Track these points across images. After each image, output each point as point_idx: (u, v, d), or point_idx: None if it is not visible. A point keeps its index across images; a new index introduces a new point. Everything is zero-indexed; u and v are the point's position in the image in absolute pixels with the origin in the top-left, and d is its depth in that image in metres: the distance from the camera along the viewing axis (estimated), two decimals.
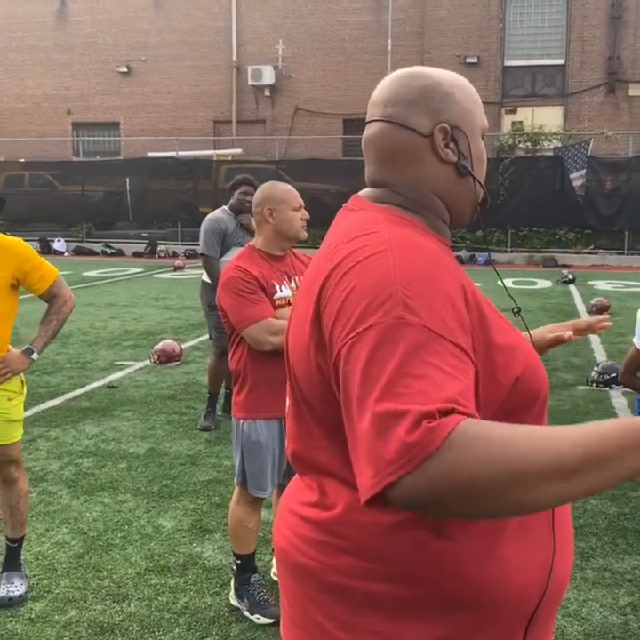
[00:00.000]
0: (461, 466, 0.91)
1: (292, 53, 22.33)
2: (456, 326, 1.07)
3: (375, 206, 1.27)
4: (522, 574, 1.17)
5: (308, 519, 1.24)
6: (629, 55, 20.63)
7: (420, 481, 0.92)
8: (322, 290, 1.17)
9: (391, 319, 1.04)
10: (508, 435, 0.94)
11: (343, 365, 1.07)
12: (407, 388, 0.98)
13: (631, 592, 3.20)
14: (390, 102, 1.27)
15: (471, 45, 21.30)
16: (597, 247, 18.12)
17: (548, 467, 0.92)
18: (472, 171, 1.27)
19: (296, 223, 2.94)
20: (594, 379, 6.59)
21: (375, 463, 0.96)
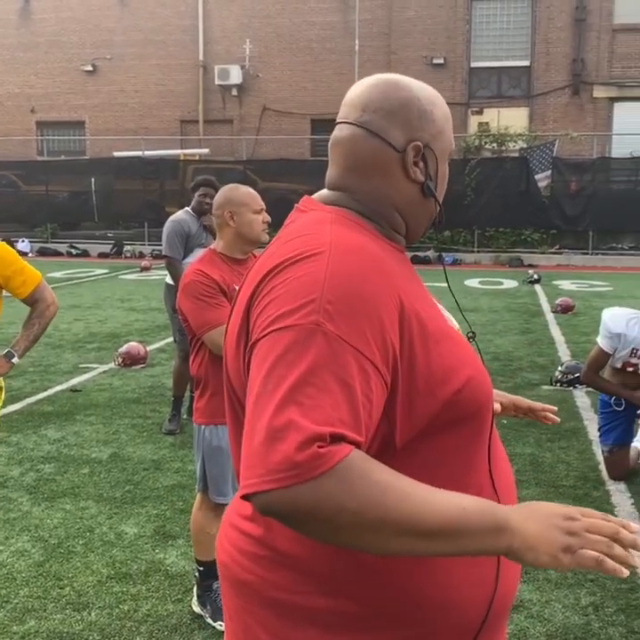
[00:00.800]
0: (332, 498, 0.95)
1: (260, 53, 22.26)
2: (377, 341, 1.05)
3: (325, 207, 1.25)
4: (465, 589, 1.16)
5: (247, 533, 1.23)
6: (593, 57, 20.90)
7: (288, 499, 0.95)
8: (256, 289, 1.16)
9: (308, 323, 1.03)
10: (384, 485, 0.97)
11: (254, 358, 1.07)
12: (308, 399, 0.98)
13: (593, 592, 3.22)
14: (368, 108, 1.23)
15: (438, 46, 21.41)
16: (562, 247, 18.32)
17: (406, 525, 0.97)
18: (436, 193, 1.27)
19: (257, 226, 2.92)
20: (558, 378, 6.65)
21: (256, 465, 0.97)
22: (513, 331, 9.23)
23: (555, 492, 4.30)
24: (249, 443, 1.01)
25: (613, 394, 4.57)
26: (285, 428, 0.97)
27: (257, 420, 1.00)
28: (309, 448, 0.95)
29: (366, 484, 0.96)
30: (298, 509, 0.96)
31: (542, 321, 9.98)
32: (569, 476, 4.56)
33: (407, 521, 0.97)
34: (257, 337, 1.09)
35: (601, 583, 3.29)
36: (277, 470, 0.95)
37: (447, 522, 0.99)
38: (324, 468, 0.95)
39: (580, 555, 1.02)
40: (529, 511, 1.06)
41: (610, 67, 20.88)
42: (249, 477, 0.98)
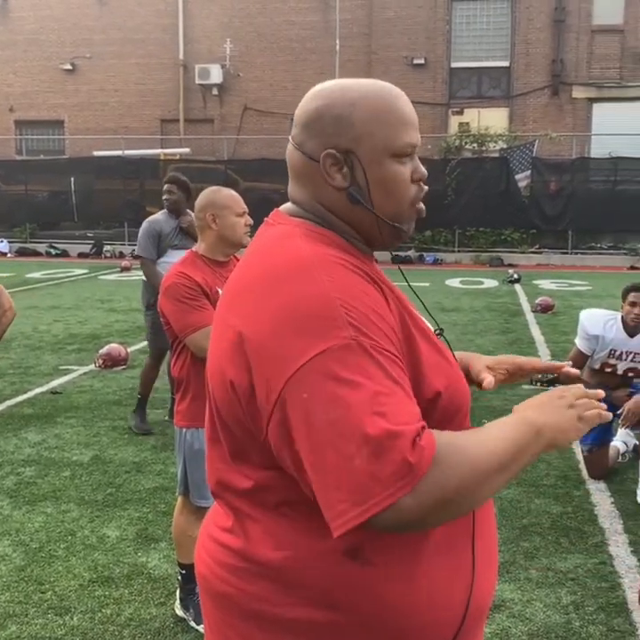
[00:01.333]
0: (448, 479, 1.02)
1: (240, 52, 22.22)
2: (393, 341, 1.11)
3: (292, 220, 1.25)
4: (441, 598, 1.17)
5: (225, 545, 1.22)
6: (572, 58, 21.06)
7: (416, 500, 1.00)
8: (245, 310, 1.15)
9: (346, 339, 1.05)
10: (468, 445, 1.07)
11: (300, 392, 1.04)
12: (386, 407, 1.02)
13: (574, 591, 3.25)
14: (295, 122, 1.27)
15: (418, 47, 21.48)
16: (542, 247, 18.45)
17: (497, 467, 1.08)
18: (361, 198, 1.21)
19: (239, 229, 2.91)
20: (538, 378, 6.68)
21: (368, 485, 0.98)
22: (493, 330, 9.28)
23: (535, 491, 4.33)
24: (347, 466, 1.00)
25: None
26: (385, 439, 1.00)
27: (347, 443, 1.00)
28: (415, 447, 1.00)
29: (458, 454, 1.05)
30: (429, 505, 1.01)
31: (522, 320, 10.05)
32: (549, 475, 4.59)
33: (495, 464, 1.07)
34: (291, 371, 1.05)
35: (581, 582, 3.32)
36: (397, 479, 0.99)
37: (513, 450, 1.10)
38: (430, 457, 1.01)
39: (588, 416, 1.21)
40: (537, 406, 1.20)
41: (589, 67, 21.05)
42: (366, 500, 0.99)
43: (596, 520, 3.97)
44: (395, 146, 1.21)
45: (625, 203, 17.85)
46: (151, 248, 5.29)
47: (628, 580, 3.34)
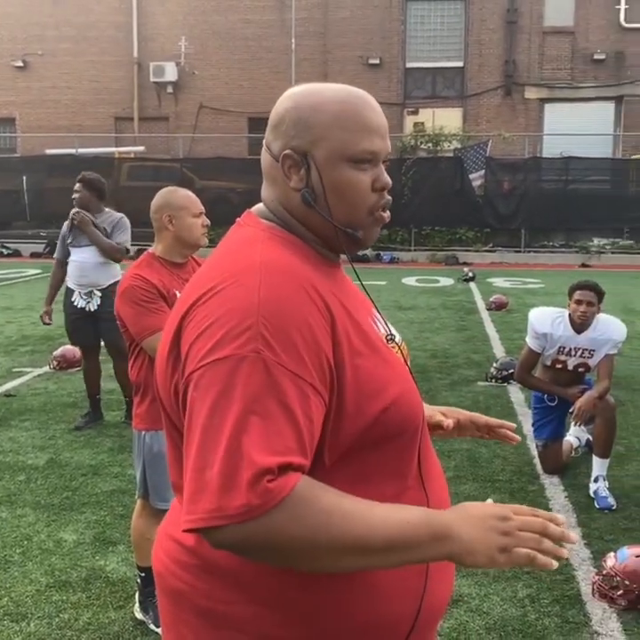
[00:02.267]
0: (283, 530, 1.00)
1: (195, 50, 22.06)
2: (314, 362, 1.08)
3: (260, 223, 1.26)
4: (392, 601, 1.18)
5: (181, 543, 1.23)
6: (524, 59, 21.38)
7: (240, 534, 1.00)
8: (188, 311, 1.15)
9: (247, 352, 1.05)
10: (330, 511, 1.03)
11: (192, 390, 1.08)
12: (255, 429, 1.01)
13: (529, 584, 3.32)
14: (268, 124, 1.30)
15: (373, 46, 21.59)
16: (496, 245, 18.70)
17: (355, 546, 1.03)
18: (313, 200, 1.21)
19: (196, 230, 2.90)
20: (493, 374, 6.80)
21: (206, 500, 1.00)
22: (449, 328, 9.39)
23: (491, 486, 4.40)
24: (197, 476, 1.02)
25: (546, 391, 4.70)
26: (236, 463, 1.00)
27: (206, 454, 1.02)
28: (260, 484, 0.99)
29: (314, 512, 1.01)
30: (250, 543, 1.01)
31: (477, 318, 10.18)
32: (505, 470, 4.67)
33: (355, 542, 1.03)
34: (194, 367, 1.08)
35: (537, 575, 3.38)
36: (229, 507, 0.99)
37: (393, 537, 1.05)
38: (274, 502, 0.99)
39: (515, 553, 1.09)
40: (466, 515, 1.11)
41: (540, 68, 21.40)
42: (198, 512, 1.01)
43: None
44: (351, 151, 1.20)
45: (576, 202, 18.19)
46: (60, 248, 5.55)
47: (582, 572, 3.42)
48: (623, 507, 4.11)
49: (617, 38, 21.05)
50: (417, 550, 1.06)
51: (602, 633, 2.96)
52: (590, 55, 21.09)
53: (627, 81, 21.06)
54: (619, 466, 4.69)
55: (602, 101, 21.20)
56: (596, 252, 18.29)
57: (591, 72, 21.27)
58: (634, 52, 21.00)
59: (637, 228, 18.56)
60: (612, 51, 21.05)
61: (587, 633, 2.96)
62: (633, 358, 7.57)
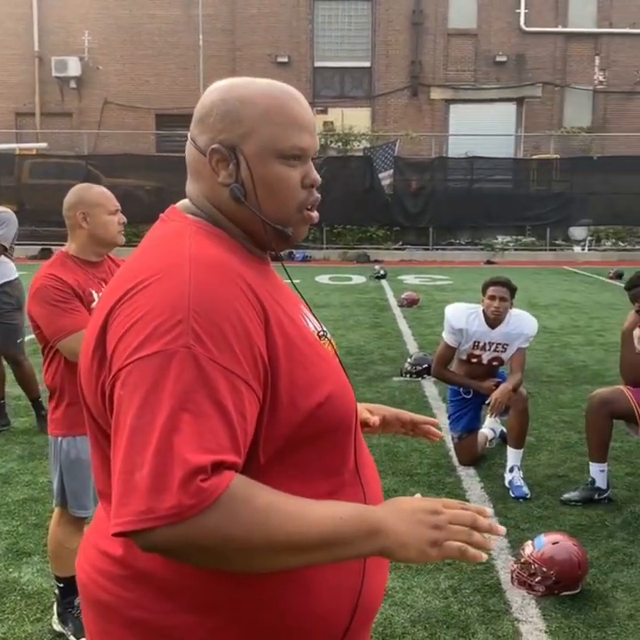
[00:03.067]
0: (218, 530, 0.97)
1: (99, 45, 21.52)
2: (246, 357, 1.05)
3: (187, 218, 1.23)
4: (329, 600, 1.17)
5: (106, 552, 1.19)
6: (430, 60, 21.82)
7: (173, 536, 0.96)
8: (114, 307, 1.11)
9: (178, 347, 1.01)
10: (266, 509, 1.00)
11: (119, 389, 1.03)
12: (187, 427, 0.98)
13: (451, 575, 3.37)
14: (193, 118, 1.26)
15: (281, 45, 21.58)
16: (405, 243, 19.04)
17: (291, 543, 1.02)
18: (243, 197, 1.18)
19: (112, 228, 2.81)
20: (407, 370, 6.91)
21: (136, 502, 0.96)
22: (363, 325, 9.49)
23: (410, 480, 4.46)
24: (126, 478, 0.98)
25: (461, 385, 4.81)
26: (167, 463, 0.96)
27: (135, 455, 0.98)
28: (192, 483, 0.95)
29: (249, 511, 0.99)
30: (183, 545, 0.97)
31: (390, 315, 10.33)
32: (422, 463, 4.75)
33: (291, 540, 1.02)
34: (121, 365, 1.04)
35: (458, 566, 3.45)
36: (160, 508, 0.95)
37: (327, 535, 1.04)
38: (208, 502, 0.96)
39: (446, 547, 1.10)
40: (398, 510, 1.11)
41: (445, 69, 21.90)
42: (127, 514, 0.96)
43: None
44: (281, 147, 1.19)
45: (480, 200, 18.74)
46: None
47: (501, 561, 3.51)
48: (537, 495, 4.24)
49: (518, 41, 21.76)
50: (351, 546, 1.06)
51: (522, 619, 3.04)
52: (492, 57, 21.73)
53: (527, 83, 21.80)
54: (531, 456, 4.84)
55: (504, 103, 21.87)
56: (500, 250, 18.87)
57: (493, 74, 21.92)
58: (533, 54, 21.76)
59: (538, 226, 19.25)
60: (513, 53, 21.76)
61: (507, 620, 3.03)
62: (539, 351, 7.83)
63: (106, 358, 1.09)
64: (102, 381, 1.11)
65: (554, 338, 8.71)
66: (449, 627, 2.99)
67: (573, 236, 19.42)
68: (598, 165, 18.97)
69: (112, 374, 1.05)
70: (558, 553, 3.21)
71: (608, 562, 3.49)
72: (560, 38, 21.84)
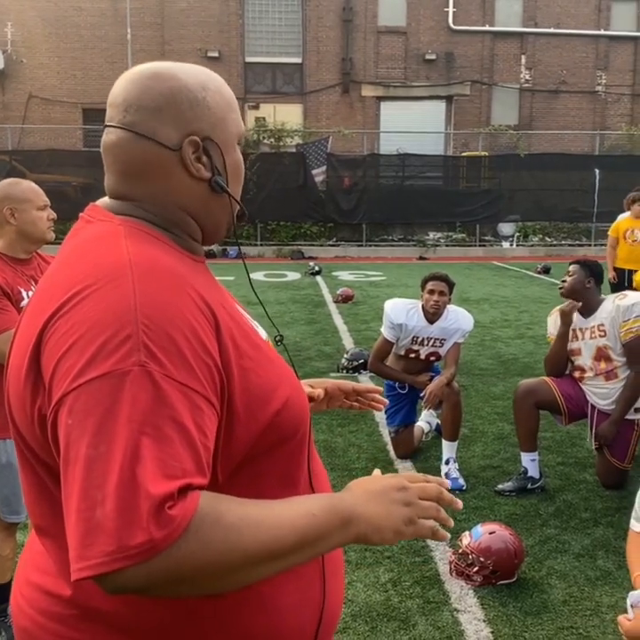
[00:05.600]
0: (192, 557, 0.90)
1: (23, 37, 20.93)
2: (203, 370, 0.98)
3: (114, 217, 1.12)
4: (294, 617, 1.13)
5: (50, 593, 1.09)
6: (361, 57, 21.95)
7: (147, 572, 0.88)
8: (48, 322, 0.99)
9: (130, 366, 0.92)
10: (237, 525, 0.93)
11: (66, 417, 0.92)
12: (148, 454, 0.89)
13: (390, 568, 3.40)
14: (132, 108, 1.11)
15: (212, 39, 21.40)
16: (339, 239, 19.14)
17: (268, 552, 0.95)
18: (227, 187, 1.15)
19: (41, 224, 2.73)
20: (344, 365, 6.94)
21: (101, 542, 0.86)
22: (299, 322, 9.48)
23: (349, 474, 4.47)
24: (86, 516, 0.88)
25: (397, 380, 4.85)
26: (132, 495, 0.87)
27: (94, 489, 0.88)
28: (161, 514, 0.87)
29: (221, 531, 0.92)
30: (159, 579, 0.89)
31: (326, 311, 10.35)
32: (360, 458, 4.77)
33: (267, 549, 0.96)
34: (65, 390, 0.93)
35: (397, 559, 3.47)
36: (131, 546, 0.86)
37: (302, 535, 0.99)
38: (179, 530, 0.88)
39: (419, 525, 1.08)
40: (366, 493, 1.07)
41: (376, 67, 22.07)
42: (95, 556, 0.86)
43: None
44: (240, 132, 1.18)
45: (412, 197, 18.98)
46: None
47: (439, 552, 3.55)
48: (472, 486, 4.31)
49: (446, 40, 22.10)
50: (327, 540, 1.01)
51: (461, 609, 3.08)
52: (422, 55, 22.01)
53: (456, 81, 22.16)
54: (465, 448, 4.92)
55: (434, 100, 22.19)
56: (432, 246, 19.14)
57: (423, 72, 22.20)
58: (462, 53, 22.14)
59: (468, 222, 19.61)
60: (442, 51, 22.08)
61: (447, 611, 3.07)
62: (472, 345, 7.97)
63: (41, 382, 0.98)
64: (39, 407, 1.00)
65: (485, 332, 8.87)
66: (389, 619, 3.01)
67: (502, 232, 19.85)
68: (525, 163, 19.44)
69: (54, 401, 0.94)
70: (495, 543, 3.26)
71: (542, 550, 3.58)
72: (487, 37, 22.27)
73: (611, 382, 4.23)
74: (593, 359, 4.25)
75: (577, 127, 22.26)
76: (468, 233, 19.73)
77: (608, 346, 4.19)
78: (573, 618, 3.02)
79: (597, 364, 4.24)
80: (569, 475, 4.53)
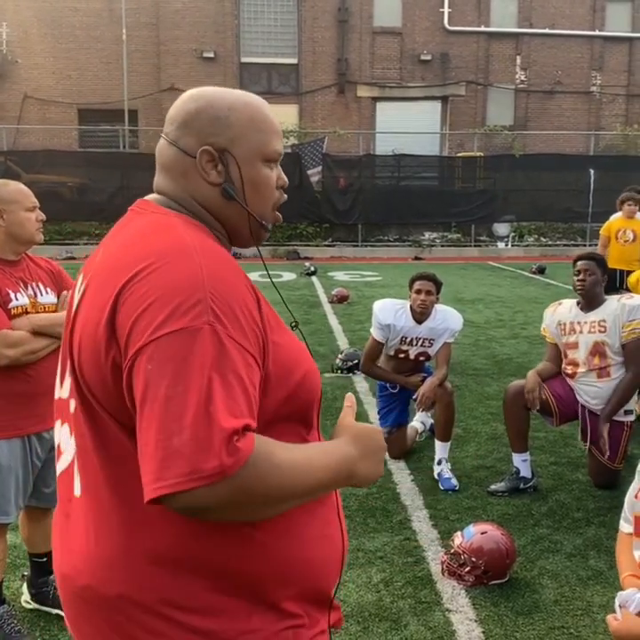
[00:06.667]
0: (252, 485, 1.08)
1: (19, 37, 20.90)
2: (252, 336, 1.16)
3: (167, 210, 1.30)
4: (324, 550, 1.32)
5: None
6: (356, 58, 21.96)
7: (213, 494, 1.04)
8: (120, 293, 1.16)
9: (201, 324, 1.10)
10: (285, 463, 1.13)
11: (146, 362, 1.09)
12: (218, 395, 1.07)
13: (383, 569, 3.40)
14: (169, 121, 1.35)
15: (207, 40, 21.38)
16: (335, 240, 19.14)
17: (307, 488, 1.18)
18: (236, 196, 1.30)
19: (30, 225, 2.72)
20: (338, 366, 6.94)
21: (178, 464, 1.03)
22: None
23: None
24: (164, 445, 1.04)
25: (389, 380, 4.85)
26: (206, 427, 1.04)
27: (172, 422, 1.05)
28: (230, 444, 1.04)
29: (272, 467, 1.10)
30: (221, 502, 1.06)
31: (321, 311, 10.35)
32: None
33: (307, 485, 1.17)
34: (145, 341, 1.10)
35: (389, 559, 3.47)
36: (205, 469, 1.03)
37: (328, 479, 1.21)
38: (243, 460, 1.05)
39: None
40: (365, 450, 1.28)
41: (371, 67, 22.08)
42: (173, 477, 1.03)
43: (399, 498, 4.17)
44: (266, 151, 1.33)
45: (408, 197, 18.98)
46: None
47: (431, 552, 3.55)
48: (465, 486, 4.31)
49: (441, 40, 22.12)
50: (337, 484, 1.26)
51: (453, 609, 3.08)
52: (417, 56, 22.03)
53: (451, 82, 22.18)
54: (458, 448, 4.92)
55: (429, 101, 22.21)
56: (427, 246, 19.15)
57: (419, 72, 22.22)
58: (457, 53, 22.16)
59: (463, 223, 19.62)
60: (437, 52, 22.10)
61: (439, 611, 3.07)
62: (465, 345, 7.98)
63: (114, 337, 1.15)
64: (113, 357, 1.16)
65: (479, 332, 8.88)
66: (381, 620, 3.01)
67: (497, 232, 19.87)
68: (520, 163, 19.45)
69: (133, 351, 1.11)
70: (487, 543, 3.26)
71: (534, 550, 3.58)
72: (482, 38, 22.30)
73: (602, 381, 4.23)
74: (588, 354, 4.26)
75: (572, 127, 22.29)
76: (463, 233, 19.74)
77: (606, 342, 4.20)
78: (565, 617, 3.02)
79: (592, 358, 4.25)
80: (561, 474, 4.53)
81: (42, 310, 2.76)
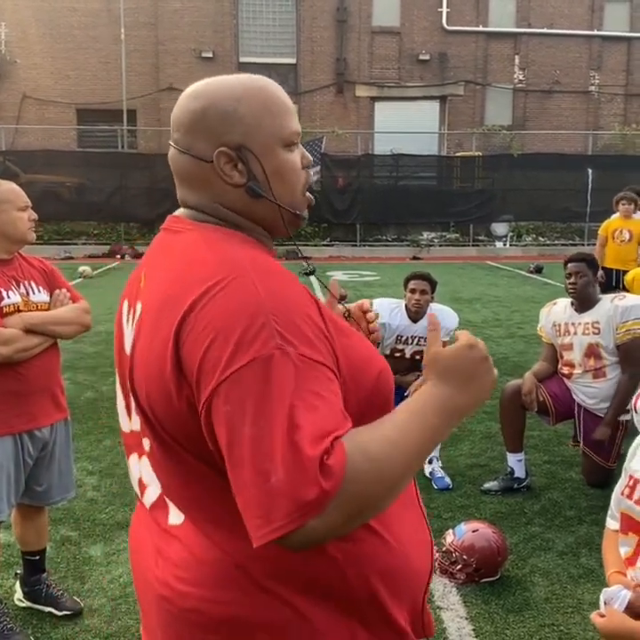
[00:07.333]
0: (358, 491, 1.01)
1: (17, 38, 20.90)
2: (322, 346, 1.09)
3: (200, 225, 1.23)
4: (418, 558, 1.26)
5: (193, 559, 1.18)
6: (355, 58, 21.96)
7: (324, 520, 0.99)
8: (179, 330, 1.09)
9: (271, 350, 1.03)
10: (381, 450, 1.05)
11: (223, 405, 1.03)
12: (303, 421, 1.01)
13: None
14: (174, 126, 1.25)
15: (206, 40, 21.39)
16: (333, 240, 19.15)
17: (409, 467, 1.08)
18: (262, 190, 1.21)
19: (22, 224, 2.73)
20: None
21: (282, 504, 0.98)
22: None
23: None
24: (262, 487, 0.99)
25: None
26: (298, 460, 0.98)
27: (264, 462, 0.99)
28: (323, 468, 0.98)
29: (371, 463, 1.02)
30: (335, 523, 1.00)
31: None
32: None
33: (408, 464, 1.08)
34: (217, 381, 1.04)
35: None
36: (307, 501, 0.98)
37: (429, 440, 1.11)
38: (341, 476, 0.99)
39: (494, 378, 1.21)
40: (462, 382, 1.16)
41: (370, 67, 22.08)
42: (277, 520, 0.98)
43: None
44: (285, 135, 1.23)
45: (406, 197, 19.00)
46: None
47: None
48: (458, 485, 4.32)
49: (440, 40, 22.12)
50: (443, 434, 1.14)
51: (444, 607, 3.09)
52: (416, 56, 22.03)
53: (450, 81, 22.18)
54: (453, 446, 4.93)
55: (427, 101, 22.21)
56: (425, 246, 19.17)
57: (417, 72, 22.22)
58: (455, 53, 22.17)
59: (462, 222, 19.64)
60: (435, 52, 22.10)
61: (430, 608, 3.07)
62: None
63: (184, 376, 1.09)
64: (186, 396, 1.10)
65: (476, 331, 8.89)
66: None
67: (495, 232, 19.88)
68: (518, 163, 19.47)
69: (207, 393, 1.05)
70: (478, 541, 3.27)
71: (526, 548, 3.59)
72: (481, 37, 22.30)
73: (599, 381, 4.24)
74: (583, 355, 4.27)
75: (570, 127, 22.31)
76: (461, 233, 19.76)
77: (600, 344, 4.21)
78: (555, 615, 3.03)
79: (587, 360, 4.26)
80: (555, 473, 4.54)
81: (34, 309, 2.77)
